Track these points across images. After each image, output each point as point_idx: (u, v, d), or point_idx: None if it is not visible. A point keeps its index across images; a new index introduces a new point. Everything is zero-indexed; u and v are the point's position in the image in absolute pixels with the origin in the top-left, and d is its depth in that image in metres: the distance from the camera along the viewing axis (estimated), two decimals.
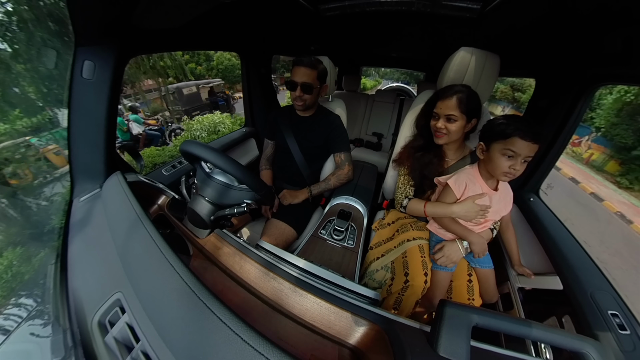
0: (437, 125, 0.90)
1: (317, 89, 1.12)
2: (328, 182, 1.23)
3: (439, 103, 0.90)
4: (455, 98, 0.86)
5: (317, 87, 1.11)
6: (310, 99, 1.12)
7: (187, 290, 0.44)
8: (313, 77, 1.08)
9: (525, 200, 1.13)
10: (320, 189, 1.23)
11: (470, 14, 0.87)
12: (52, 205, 1.30)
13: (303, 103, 1.13)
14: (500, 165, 0.74)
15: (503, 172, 0.74)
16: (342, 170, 1.22)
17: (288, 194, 1.21)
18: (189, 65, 12.85)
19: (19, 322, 0.54)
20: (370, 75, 25.37)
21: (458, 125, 0.87)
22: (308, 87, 1.08)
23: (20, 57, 1.28)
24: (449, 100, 0.86)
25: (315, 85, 1.10)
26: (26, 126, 2.16)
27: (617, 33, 0.72)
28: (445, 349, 0.40)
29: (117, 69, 0.78)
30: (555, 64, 1.07)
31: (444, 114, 0.88)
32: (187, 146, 0.70)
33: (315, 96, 1.14)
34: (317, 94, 1.14)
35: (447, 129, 0.88)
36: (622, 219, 5.53)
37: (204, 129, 5.37)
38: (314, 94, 1.11)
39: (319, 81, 1.11)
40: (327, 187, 1.23)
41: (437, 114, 0.91)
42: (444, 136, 0.90)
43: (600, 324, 0.65)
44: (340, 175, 1.22)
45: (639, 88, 6.02)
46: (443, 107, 0.88)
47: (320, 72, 1.10)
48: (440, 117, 0.90)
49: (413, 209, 0.99)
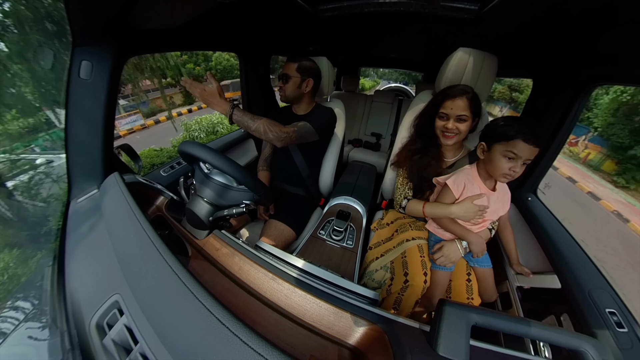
0: (448, 126, 0.89)
1: (297, 80, 1.13)
2: (254, 119, 0.93)
3: (447, 103, 0.88)
4: (466, 98, 0.85)
5: (297, 78, 1.12)
6: (288, 88, 1.13)
7: (186, 292, 0.43)
8: (292, 69, 1.11)
9: (523, 200, 1.13)
10: (243, 119, 0.93)
11: (468, 14, 0.88)
12: (49, 207, 1.29)
13: (283, 93, 1.16)
14: (501, 167, 0.74)
15: (503, 174, 0.74)
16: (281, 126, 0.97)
17: (209, 93, 0.90)
18: (188, 65, 12.83)
19: (16, 325, 0.53)
20: (369, 76, 25.44)
21: (468, 125, 0.87)
22: (285, 77, 1.12)
23: (17, 58, 1.27)
24: (460, 100, 0.85)
25: (293, 76, 1.11)
26: (23, 127, 2.14)
27: (612, 34, 0.73)
28: (445, 349, 0.40)
29: (115, 70, 0.78)
30: (553, 64, 1.08)
31: (455, 114, 0.87)
32: (186, 147, 0.69)
33: (294, 87, 1.14)
34: (298, 85, 1.14)
35: (458, 128, 0.88)
36: (619, 218, 5.59)
37: (202, 130, 5.36)
38: (290, 83, 1.12)
39: (299, 73, 1.12)
40: (251, 124, 0.93)
41: (446, 114, 0.89)
42: (455, 136, 0.90)
43: (598, 322, 0.65)
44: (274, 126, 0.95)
45: (634, 88, 6.09)
46: (454, 107, 0.87)
47: (301, 65, 1.12)
48: (450, 118, 0.88)
49: (412, 210, 0.99)
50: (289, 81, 1.12)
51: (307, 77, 1.14)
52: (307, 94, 1.18)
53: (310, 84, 1.16)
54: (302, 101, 1.20)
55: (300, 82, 1.14)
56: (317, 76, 1.19)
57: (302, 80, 1.13)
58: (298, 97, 1.18)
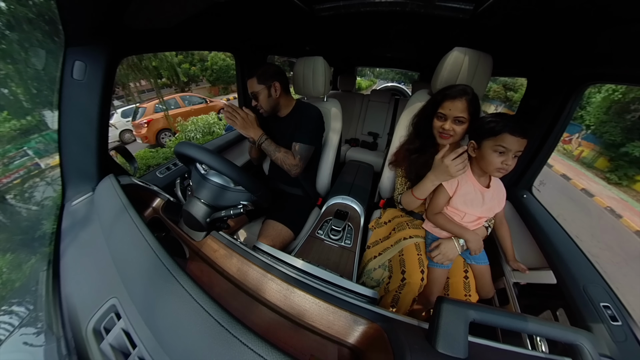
0: (445, 127, 0.88)
1: (265, 92, 1.10)
2: (277, 151, 1.11)
3: (446, 103, 0.87)
4: (465, 99, 0.84)
5: (263, 90, 1.09)
6: (262, 102, 1.11)
7: (184, 294, 0.43)
8: (254, 85, 1.08)
9: (518, 197, 1.15)
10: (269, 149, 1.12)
11: (463, 14, 0.89)
12: (43, 210, 1.27)
13: (262, 109, 1.14)
14: (493, 162, 0.75)
15: (496, 168, 0.75)
16: (292, 158, 1.12)
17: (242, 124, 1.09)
18: (183, 65, 12.70)
19: (10, 331, 0.53)
20: (365, 75, 25.48)
21: (465, 127, 0.87)
22: (253, 95, 1.11)
23: (8, 58, 1.24)
24: (459, 102, 0.85)
25: (259, 90, 1.09)
26: (14, 129, 2.10)
27: (604, 34, 0.74)
28: (443, 345, 0.40)
29: (109, 70, 0.77)
30: (546, 63, 1.09)
31: (453, 116, 0.86)
32: (182, 148, 0.69)
33: (266, 99, 1.11)
34: (268, 95, 1.11)
35: (454, 130, 0.87)
36: (612, 214, 5.68)
37: (198, 130, 5.32)
38: (261, 97, 1.10)
39: (263, 84, 1.08)
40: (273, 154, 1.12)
41: (444, 114, 0.88)
42: (450, 137, 0.90)
43: (593, 316, 0.66)
44: (288, 159, 1.11)
45: (626, 87, 6.20)
46: (453, 108, 0.86)
47: (258, 77, 1.08)
48: (448, 119, 0.88)
49: (407, 202, 0.99)
50: (259, 96, 1.10)
51: (270, 83, 1.10)
52: (280, 96, 1.15)
53: (278, 86, 1.11)
54: (280, 105, 1.18)
55: (268, 92, 1.10)
56: (280, 74, 1.13)
57: (268, 88, 1.10)
58: (276, 105, 1.15)
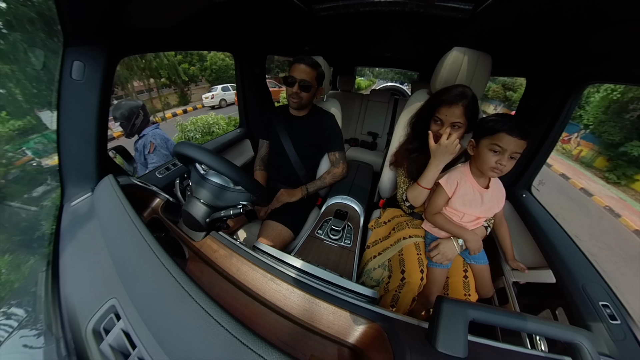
0: (441, 132, 0.87)
1: (314, 89, 1.13)
2: (324, 181, 1.25)
3: (443, 109, 0.86)
4: (461, 105, 0.83)
5: (315, 87, 1.13)
6: (307, 97, 1.13)
7: (184, 294, 0.43)
8: (312, 77, 1.09)
9: (517, 197, 1.15)
10: (316, 187, 1.24)
11: (462, 14, 0.89)
12: (42, 211, 1.26)
13: (299, 101, 1.12)
14: (487, 160, 0.75)
15: (490, 167, 0.75)
16: (337, 169, 1.24)
17: (285, 192, 1.22)
18: (182, 65, 12.68)
19: (9, 332, 0.52)
20: (365, 75, 25.48)
21: (462, 132, 0.87)
22: (306, 86, 1.09)
23: (6, 58, 1.24)
24: (456, 108, 0.83)
25: (314, 85, 1.11)
26: (13, 129, 2.09)
27: (602, 34, 0.74)
28: (443, 345, 0.40)
29: (108, 70, 0.77)
30: (545, 63, 1.09)
31: (450, 121, 0.85)
32: (181, 148, 0.69)
33: (311, 96, 1.15)
34: (313, 94, 1.15)
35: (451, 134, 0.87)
36: (611, 213, 5.70)
37: (197, 130, 5.30)
38: (310, 92, 1.12)
39: (317, 82, 1.12)
40: (322, 185, 1.25)
41: (440, 119, 0.87)
42: None
43: (592, 314, 0.67)
44: (336, 173, 1.25)
45: (624, 86, 6.22)
46: (449, 114, 0.85)
47: (319, 73, 1.12)
48: (444, 124, 0.87)
49: (413, 196, 0.96)
50: (307, 91, 1.08)
51: (320, 86, 1.13)
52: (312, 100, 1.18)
53: (321, 92, 1.15)
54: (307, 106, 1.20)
55: (314, 92, 1.13)
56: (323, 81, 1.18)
57: (316, 89, 1.12)
58: (307, 104, 1.17)
